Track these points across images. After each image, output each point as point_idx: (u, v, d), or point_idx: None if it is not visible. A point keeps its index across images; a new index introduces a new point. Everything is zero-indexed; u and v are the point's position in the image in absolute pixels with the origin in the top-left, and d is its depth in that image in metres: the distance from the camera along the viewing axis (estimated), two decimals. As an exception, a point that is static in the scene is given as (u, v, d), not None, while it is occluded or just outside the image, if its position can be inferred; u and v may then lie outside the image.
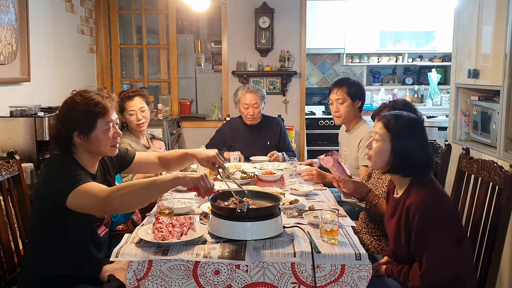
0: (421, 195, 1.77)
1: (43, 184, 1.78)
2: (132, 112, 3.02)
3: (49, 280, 1.81)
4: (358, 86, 3.05)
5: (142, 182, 1.74)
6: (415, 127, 1.87)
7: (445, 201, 1.81)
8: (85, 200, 1.69)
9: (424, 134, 1.89)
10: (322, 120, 5.82)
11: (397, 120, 1.87)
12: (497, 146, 3.05)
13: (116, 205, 1.71)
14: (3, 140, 3.06)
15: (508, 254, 2.70)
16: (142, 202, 1.78)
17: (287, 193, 2.43)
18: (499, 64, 2.98)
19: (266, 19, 4.98)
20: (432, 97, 6.19)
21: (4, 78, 3.21)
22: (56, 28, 4.07)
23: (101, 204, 1.68)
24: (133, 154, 2.23)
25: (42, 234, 1.82)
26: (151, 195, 1.76)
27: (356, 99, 2.98)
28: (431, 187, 1.82)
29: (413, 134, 1.85)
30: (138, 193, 1.71)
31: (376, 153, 1.90)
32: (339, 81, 3.10)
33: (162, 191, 1.81)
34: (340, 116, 3.01)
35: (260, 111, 3.57)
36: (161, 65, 5.60)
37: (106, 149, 1.88)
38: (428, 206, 1.74)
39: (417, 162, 1.83)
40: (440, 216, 1.75)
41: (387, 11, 5.88)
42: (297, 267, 1.66)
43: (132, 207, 1.83)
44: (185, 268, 1.65)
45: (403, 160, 1.84)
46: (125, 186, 1.73)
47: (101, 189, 1.71)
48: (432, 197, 1.78)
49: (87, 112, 1.80)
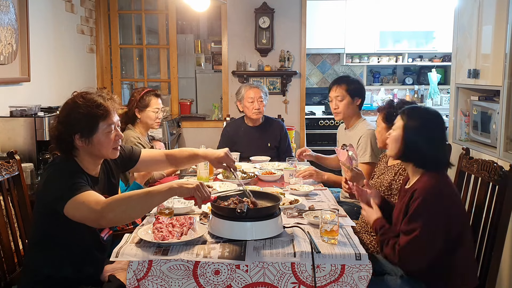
0: (429, 183, 1.82)
1: (43, 189, 1.77)
2: (156, 109, 3.12)
3: (49, 281, 1.80)
4: (358, 84, 3.06)
5: (136, 194, 1.70)
6: (428, 120, 1.93)
7: (449, 196, 1.84)
8: (81, 211, 1.66)
9: (438, 128, 1.93)
10: (322, 120, 5.82)
11: (413, 111, 1.96)
12: (497, 146, 3.05)
13: (111, 219, 1.67)
14: (3, 140, 3.06)
15: (508, 254, 2.70)
16: (137, 215, 1.77)
17: (287, 193, 2.43)
18: (499, 64, 2.98)
19: (266, 19, 4.98)
20: (432, 97, 6.19)
21: (4, 78, 3.21)
22: (56, 28, 4.07)
23: (95, 217, 1.65)
24: (138, 152, 2.19)
25: (43, 236, 1.81)
26: (146, 206, 1.73)
27: (355, 96, 2.99)
28: (441, 180, 1.86)
29: (425, 126, 1.91)
30: (133, 206, 1.68)
31: (391, 140, 2.00)
32: (338, 78, 3.13)
33: (157, 202, 1.77)
34: (339, 113, 3.04)
35: (264, 105, 3.56)
36: (161, 65, 5.60)
37: (107, 152, 1.85)
38: (430, 194, 1.79)
39: (427, 153, 1.88)
40: (438, 207, 1.78)
41: (387, 11, 5.88)
42: (297, 267, 1.66)
43: (127, 220, 1.80)
44: (185, 268, 1.65)
45: (412, 149, 1.90)
46: (120, 199, 1.69)
47: (97, 201, 1.66)
48: (438, 187, 1.82)
49: (89, 114, 1.77)
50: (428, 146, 1.88)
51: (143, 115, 3.11)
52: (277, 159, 3.47)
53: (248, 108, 3.55)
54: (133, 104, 3.10)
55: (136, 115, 3.11)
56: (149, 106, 3.09)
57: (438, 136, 1.92)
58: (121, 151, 2.09)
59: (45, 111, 3.26)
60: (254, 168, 3.11)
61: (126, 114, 3.14)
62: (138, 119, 3.12)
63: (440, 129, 1.94)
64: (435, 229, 1.77)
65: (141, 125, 3.14)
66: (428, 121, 1.92)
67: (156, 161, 2.24)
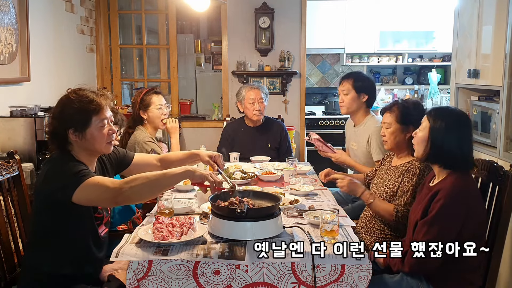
0: (455, 184, 1.83)
1: (44, 182, 1.78)
2: (160, 105, 3.12)
3: (49, 280, 1.80)
4: (366, 80, 3.09)
5: (152, 174, 1.78)
6: (455, 120, 1.92)
7: (474, 196, 1.86)
8: (96, 192, 1.72)
9: (465, 128, 1.92)
10: (322, 120, 5.82)
11: (438, 112, 1.96)
12: (497, 146, 3.04)
13: (128, 196, 1.74)
14: (3, 140, 3.06)
15: (508, 254, 2.70)
16: (152, 193, 1.85)
17: (287, 193, 2.43)
18: (499, 64, 2.98)
19: (266, 19, 4.98)
20: (432, 97, 6.18)
21: (4, 78, 3.21)
22: (56, 28, 4.07)
23: (113, 195, 1.72)
24: (132, 155, 2.23)
25: (42, 233, 1.82)
26: (161, 187, 1.84)
27: (362, 92, 3.02)
28: (467, 180, 1.87)
29: (452, 126, 1.90)
30: (149, 184, 1.75)
31: (417, 142, 2.00)
32: (349, 73, 3.19)
33: (172, 183, 1.88)
34: (344, 106, 3.08)
35: (265, 106, 3.56)
36: (161, 65, 5.60)
37: (101, 146, 1.88)
38: (455, 196, 1.80)
39: (455, 154, 1.88)
40: (461, 209, 1.79)
41: (387, 11, 5.87)
42: (297, 267, 1.66)
43: (142, 198, 1.88)
44: (185, 268, 1.65)
45: (439, 150, 1.90)
46: (136, 178, 1.76)
47: (112, 181, 1.76)
48: (464, 188, 1.83)
49: (82, 109, 1.82)
50: (456, 147, 1.88)
51: (148, 115, 3.12)
52: (277, 159, 3.47)
53: (249, 109, 3.54)
54: (136, 107, 3.12)
55: (142, 117, 3.13)
56: (151, 104, 3.11)
57: (464, 135, 1.91)
58: (116, 152, 2.14)
59: (45, 111, 3.26)
60: (254, 168, 3.11)
61: (132, 118, 3.17)
62: (145, 120, 3.14)
63: (466, 129, 1.94)
64: (449, 234, 1.78)
65: (150, 125, 3.16)
66: (455, 121, 1.91)
67: (148, 165, 2.28)
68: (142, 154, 2.43)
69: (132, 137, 3.06)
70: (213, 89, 6.27)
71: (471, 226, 1.81)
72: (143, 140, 3.00)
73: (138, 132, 3.07)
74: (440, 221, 1.79)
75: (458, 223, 1.79)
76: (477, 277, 1.93)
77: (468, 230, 1.81)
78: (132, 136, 3.06)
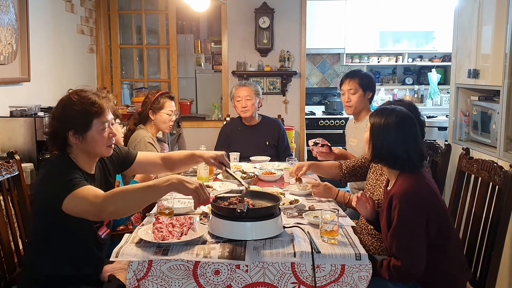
0: (404, 187, 1.80)
1: (40, 186, 1.77)
2: (170, 111, 3.12)
3: (49, 280, 1.80)
4: (370, 78, 3.12)
5: (136, 187, 1.73)
6: (395, 120, 1.88)
7: (425, 197, 1.81)
8: (80, 206, 1.68)
9: (407, 129, 1.88)
10: (322, 120, 5.81)
11: (379, 112, 1.94)
12: (497, 146, 3.05)
13: (111, 212, 1.69)
14: (3, 140, 3.06)
15: (508, 254, 2.70)
16: (137, 207, 1.79)
17: (287, 193, 2.43)
18: (499, 64, 2.98)
19: (266, 19, 4.98)
20: (432, 97, 6.19)
21: (4, 78, 3.21)
22: (56, 28, 4.07)
23: (95, 210, 1.66)
24: (134, 154, 2.20)
25: (42, 235, 1.82)
26: (145, 200, 1.75)
27: (367, 90, 3.04)
28: (417, 181, 1.83)
29: (390, 126, 1.87)
30: (133, 198, 1.69)
31: (364, 143, 2.07)
32: (351, 72, 3.17)
33: (157, 196, 1.80)
34: (351, 106, 3.07)
35: (253, 103, 3.53)
36: (161, 65, 5.60)
37: (101, 149, 1.87)
38: (406, 199, 1.77)
39: (395, 154, 1.86)
40: (417, 212, 1.76)
41: (387, 11, 5.88)
42: (297, 267, 1.66)
43: (127, 212, 1.80)
44: (185, 268, 1.65)
45: (380, 150, 1.89)
46: (119, 192, 1.71)
47: (96, 195, 1.68)
48: (413, 190, 1.79)
49: (83, 111, 1.79)
50: (397, 146, 1.85)
51: (156, 117, 3.11)
52: (277, 158, 3.46)
53: (237, 107, 3.57)
54: (148, 106, 3.10)
55: (150, 117, 3.12)
56: (164, 108, 3.10)
57: (407, 135, 1.87)
58: (118, 151, 2.11)
59: (45, 111, 3.25)
60: (254, 168, 3.11)
61: (139, 115, 3.15)
62: (152, 121, 3.13)
63: (410, 128, 1.89)
64: (418, 240, 1.76)
65: (154, 127, 3.15)
66: (395, 121, 1.87)
67: (151, 163, 2.25)
68: (145, 153, 2.39)
69: (134, 135, 3.05)
70: (213, 89, 6.28)
71: (436, 226, 1.79)
72: (143, 140, 2.99)
73: (140, 131, 3.06)
74: (404, 231, 1.76)
75: (422, 225, 1.76)
76: (467, 269, 1.94)
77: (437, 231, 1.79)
78: (135, 134, 3.05)
